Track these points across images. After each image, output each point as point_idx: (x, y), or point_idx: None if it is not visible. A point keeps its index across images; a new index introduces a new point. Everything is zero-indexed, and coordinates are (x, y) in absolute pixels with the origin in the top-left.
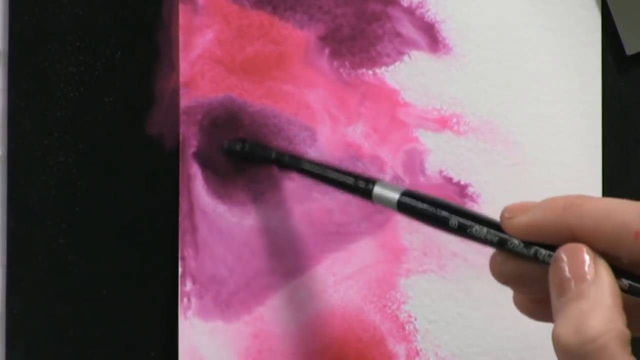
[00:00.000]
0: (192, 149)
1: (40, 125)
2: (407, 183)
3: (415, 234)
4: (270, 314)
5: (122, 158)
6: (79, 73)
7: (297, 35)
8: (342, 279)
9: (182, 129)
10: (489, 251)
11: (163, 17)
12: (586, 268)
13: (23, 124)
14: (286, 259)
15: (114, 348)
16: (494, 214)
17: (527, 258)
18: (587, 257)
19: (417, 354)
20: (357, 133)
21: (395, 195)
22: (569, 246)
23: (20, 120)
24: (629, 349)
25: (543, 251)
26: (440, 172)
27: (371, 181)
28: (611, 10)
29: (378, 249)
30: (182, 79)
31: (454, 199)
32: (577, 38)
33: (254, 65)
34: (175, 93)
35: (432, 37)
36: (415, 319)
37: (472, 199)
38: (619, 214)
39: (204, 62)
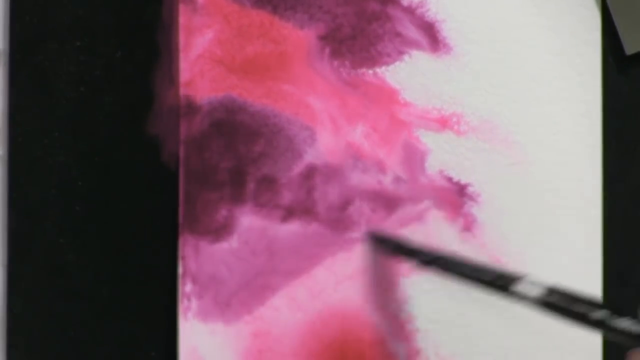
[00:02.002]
0: (192, 149)
1: (40, 125)
2: (408, 183)
3: (415, 233)
4: (270, 314)
5: (122, 158)
6: (79, 73)
7: (297, 35)
8: (342, 278)
9: (182, 129)
10: (489, 251)
11: (163, 17)
12: None
13: (23, 124)
14: (286, 259)
15: (114, 348)
16: (494, 214)
17: None
18: None
19: (418, 353)
20: (357, 133)
21: (537, 291)
22: None
23: (20, 120)
24: None
25: None
26: (441, 171)
27: (511, 279)
28: (611, 10)
29: None
30: (182, 79)
31: (454, 199)
32: (577, 38)
33: (254, 65)
34: (175, 93)
35: (432, 37)
36: (416, 319)
37: (472, 199)
38: None
39: (204, 62)
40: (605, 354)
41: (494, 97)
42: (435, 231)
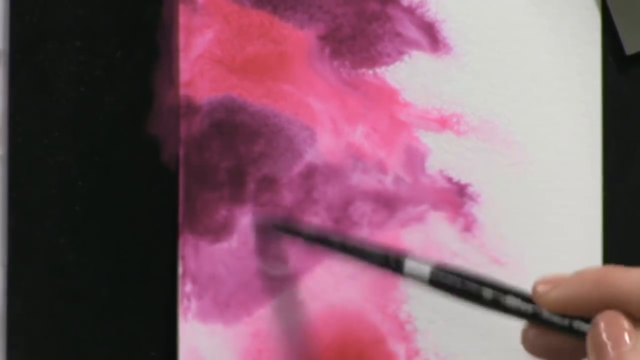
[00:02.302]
0: (192, 149)
1: (40, 125)
2: (408, 183)
3: (415, 233)
4: (270, 314)
5: (122, 158)
6: (79, 73)
7: (297, 35)
8: (342, 279)
9: (182, 129)
10: (489, 251)
11: (163, 17)
12: (625, 333)
13: (23, 124)
14: (286, 259)
15: (114, 348)
16: (494, 214)
17: (562, 329)
18: (625, 323)
19: (417, 354)
20: (357, 133)
21: (426, 270)
22: (607, 313)
23: (20, 120)
24: None
25: (578, 322)
26: (441, 171)
27: (401, 256)
28: (611, 10)
29: None
30: (182, 78)
31: (454, 199)
32: (577, 38)
33: (254, 65)
34: (175, 93)
35: (432, 37)
36: (415, 319)
37: (472, 199)
38: None
39: (204, 62)
40: None
41: (494, 97)
42: (435, 231)
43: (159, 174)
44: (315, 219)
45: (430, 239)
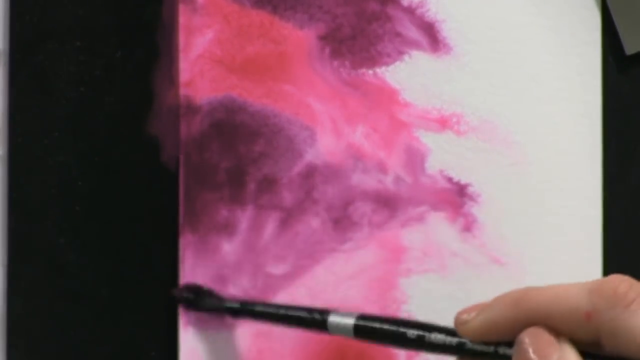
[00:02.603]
0: (193, 149)
1: (40, 125)
2: (408, 183)
3: (415, 233)
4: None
5: (122, 158)
6: (79, 73)
7: (297, 35)
8: (342, 279)
9: (182, 129)
10: (489, 251)
11: (163, 17)
12: (551, 347)
13: (23, 124)
14: (286, 258)
15: (114, 348)
16: (494, 214)
17: (488, 357)
18: (549, 337)
19: (417, 353)
20: (357, 133)
21: (350, 321)
22: (531, 330)
23: (20, 120)
24: None
25: (503, 347)
26: (441, 171)
27: (325, 312)
28: (611, 10)
29: (378, 249)
30: (182, 79)
31: (454, 199)
32: (577, 38)
33: (254, 65)
34: (175, 93)
35: (432, 37)
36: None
37: (472, 199)
38: (566, 298)
39: (204, 62)
40: None
41: (494, 97)
42: (435, 231)
43: (159, 174)
44: (316, 219)
45: (430, 239)
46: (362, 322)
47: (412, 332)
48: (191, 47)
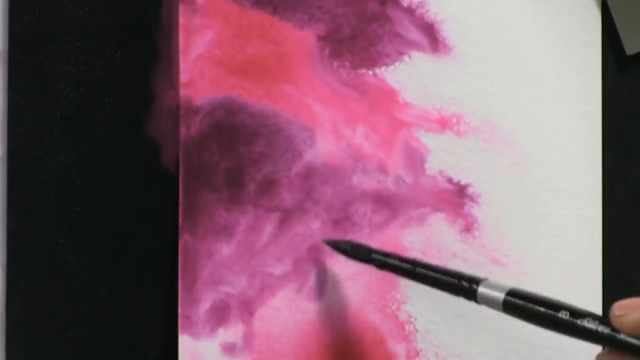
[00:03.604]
0: (192, 149)
1: (40, 125)
2: (408, 183)
3: (415, 234)
4: (270, 314)
5: (122, 158)
6: (79, 73)
7: (297, 36)
8: (342, 279)
9: (182, 129)
10: (489, 252)
11: (163, 18)
12: None
13: (23, 124)
14: (286, 259)
15: (114, 348)
16: (494, 214)
17: (638, 351)
18: None
19: (417, 354)
20: (357, 133)
21: (500, 295)
22: None
23: (20, 120)
24: None
25: None
26: (441, 172)
27: (475, 281)
28: (611, 10)
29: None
30: (182, 79)
31: (454, 199)
32: (577, 38)
33: (254, 66)
34: (175, 94)
35: (432, 37)
36: (415, 319)
37: (472, 199)
38: None
39: (204, 63)
40: None
41: (494, 98)
42: (435, 232)
43: (159, 174)
44: (316, 220)
45: (430, 240)
46: (512, 298)
47: (563, 314)
48: (191, 48)
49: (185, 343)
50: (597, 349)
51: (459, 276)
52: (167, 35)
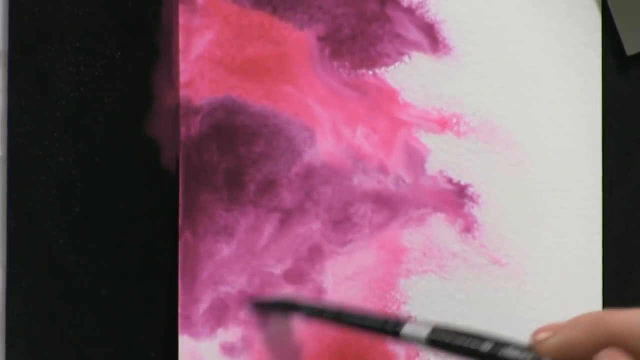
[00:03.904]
0: (192, 149)
1: (40, 125)
2: (408, 183)
3: (415, 234)
4: (270, 315)
5: (122, 158)
6: (79, 73)
7: (297, 36)
8: (342, 279)
9: (182, 130)
10: (489, 252)
11: (163, 18)
12: None
13: (23, 124)
14: (286, 259)
15: (114, 348)
16: (494, 214)
17: None
18: (625, 359)
19: (417, 354)
20: (357, 133)
21: (424, 333)
22: (607, 351)
23: (20, 120)
24: None
25: None
26: (441, 172)
27: (400, 321)
28: (611, 10)
29: (378, 250)
30: (182, 79)
31: (454, 199)
32: (577, 38)
33: (254, 66)
34: (175, 94)
35: (432, 37)
36: (415, 320)
37: (472, 199)
38: None
39: (204, 63)
40: None
41: (493, 98)
42: (435, 232)
43: (159, 174)
44: (316, 220)
45: (430, 240)
46: (435, 336)
47: (485, 346)
48: (191, 48)
49: (185, 343)
50: None
51: (384, 320)
52: (167, 35)
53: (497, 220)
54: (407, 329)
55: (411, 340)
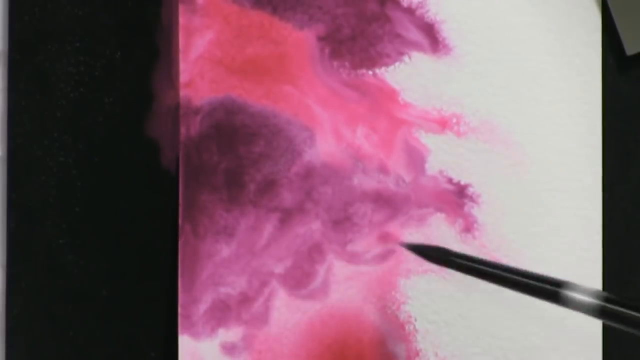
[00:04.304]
0: (192, 150)
1: (40, 125)
2: (408, 183)
3: (415, 234)
4: (270, 314)
5: (122, 158)
6: (79, 73)
7: (297, 36)
8: (342, 279)
9: (182, 130)
10: (489, 252)
11: (163, 18)
12: None
13: (23, 124)
14: (286, 259)
15: (114, 348)
16: (494, 214)
17: None
18: None
19: (417, 354)
20: (357, 133)
21: (590, 300)
22: None
23: (20, 120)
24: None
25: None
26: (441, 172)
27: (560, 284)
28: (611, 10)
29: (378, 250)
30: (182, 79)
31: (454, 200)
32: (577, 38)
33: (254, 66)
34: (175, 94)
35: (432, 38)
36: (415, 320)
37: (472, 199)
38: None
39: (204, 63)
40: (605, 355)
41: (493, 98)
42: (435, 232)
43: (159, 174)
44: (316, 220)
45: (430, 240)
46: (605, 303)
47: None
48: (191, 48)
49: (185, 343)
50: (599, 347)
51: (543, 279)
52: (167, 35)
53: (497, 220)
54: (569, 295)
55: (575, 306)
